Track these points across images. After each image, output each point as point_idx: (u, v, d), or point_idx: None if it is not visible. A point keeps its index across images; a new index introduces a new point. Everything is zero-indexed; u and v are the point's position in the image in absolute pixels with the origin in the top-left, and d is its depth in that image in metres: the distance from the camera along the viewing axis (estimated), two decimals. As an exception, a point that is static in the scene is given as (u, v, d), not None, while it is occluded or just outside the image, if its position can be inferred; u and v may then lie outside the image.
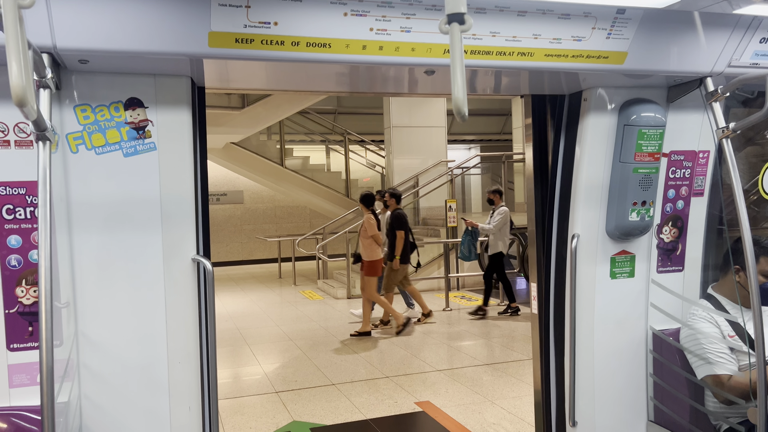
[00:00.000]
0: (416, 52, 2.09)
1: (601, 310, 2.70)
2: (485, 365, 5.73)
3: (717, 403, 2.54)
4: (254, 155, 12.75)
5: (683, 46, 2.34)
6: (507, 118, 15.91)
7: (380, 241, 7.06)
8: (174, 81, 2.13)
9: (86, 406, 2.10)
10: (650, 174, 2.59)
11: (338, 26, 1.97)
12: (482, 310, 8.03)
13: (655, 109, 2.56)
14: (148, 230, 2.13)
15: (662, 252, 2.79)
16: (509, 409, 4.51)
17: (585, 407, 2.73)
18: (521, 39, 2.16)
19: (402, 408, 4.62)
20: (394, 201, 7.42)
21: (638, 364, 2.79)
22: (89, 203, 2.07)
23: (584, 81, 2.55)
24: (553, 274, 2.87)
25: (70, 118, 2.03)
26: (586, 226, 2.67)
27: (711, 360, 2.50)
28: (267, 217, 16.34)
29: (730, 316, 2.57)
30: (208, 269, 2.23)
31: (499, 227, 7.70)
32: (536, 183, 2.94)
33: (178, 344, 2.18)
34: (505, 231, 7.76)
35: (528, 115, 2.94)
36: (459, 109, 1.01)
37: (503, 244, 7.77)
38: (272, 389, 5.20)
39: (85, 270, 2.08)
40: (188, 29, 1.85)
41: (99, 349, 2.11)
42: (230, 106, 10.83)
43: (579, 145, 2.67)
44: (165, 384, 2.17)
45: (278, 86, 2.56)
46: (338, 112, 15.85)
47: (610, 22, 2.21)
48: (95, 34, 1.79)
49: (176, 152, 2.15)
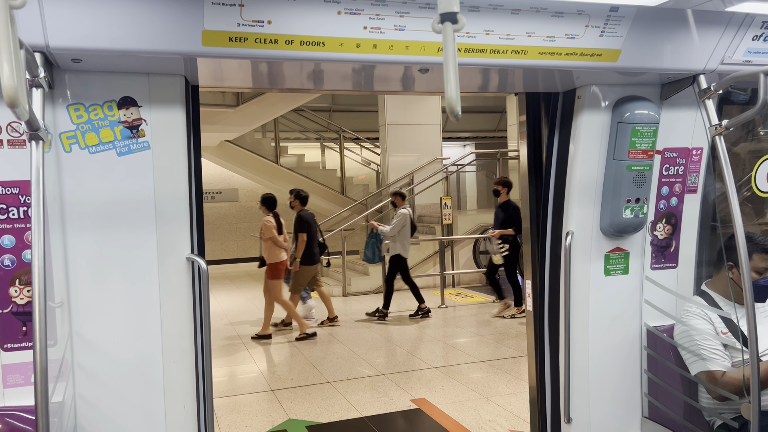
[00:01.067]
0: (410, 51, 2.09)
1: (595, 307, 2.71)
2: (481, 362, 5.74)
3: (710, 399, 2.55)
4: (249, 153, 12.72)
5: (676, 44, 2.35)
6: (502, 116, 15.91)
7: (279, 243, 6.96)
8: (167, 80, 2.13)
9: (81, 406, 2.10)
10: (644, 171, 2.60)
11: (332, 25, 1.97)
12: (380, 312, 7.90)
13: (649, 106, 2.57)
14: (142, 229, 2.12)
15: (656, 249, 2.80)
16: (504, 405, 4.52)
17: (580, 403, 2.74)
18: (515, 37, 2.16)
19: (398, 405, 4.63)
20: (298, 202, 7.30)
21: (632, 360, 2.80)
22: (83, 202, 2.06)
23: (578, 79, 2.55)
24: (548, 272, 2.88)
25: (64, 117, 2.03)
26: (581, 224, 2.68)
27: (704, 356, 2.51)
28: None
29: (723, 313, 2.59)
30: (202, 268, 2.23)
31: (397, 230, 7.65)
32: (530, 180, 2.94)
33: (172, 343, 2.18)
34: (404, 234, 7.69)
35: (522, 112, 2.94)
36: (452, 108, 1.01)
37: (401, 247, 7.71)
38: (268, 387, 5.20)
39: (79, 269, 2.08)
40: (182, 28, 1.85)
41: (93, 348, 2.10)
42: (225, 104, 10.80)
43: (573, 142, 2.68)
44: (160, 383, 2.17)
45: (272, 85, 2.55)
46: (333, 109, 15.83)
47: (603, 20, 2.21)
48: (88, 33, 1.79)
49: (170, 151, 2.15)
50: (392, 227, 7.68)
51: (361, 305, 8.93)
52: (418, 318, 7.85)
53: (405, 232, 7.69)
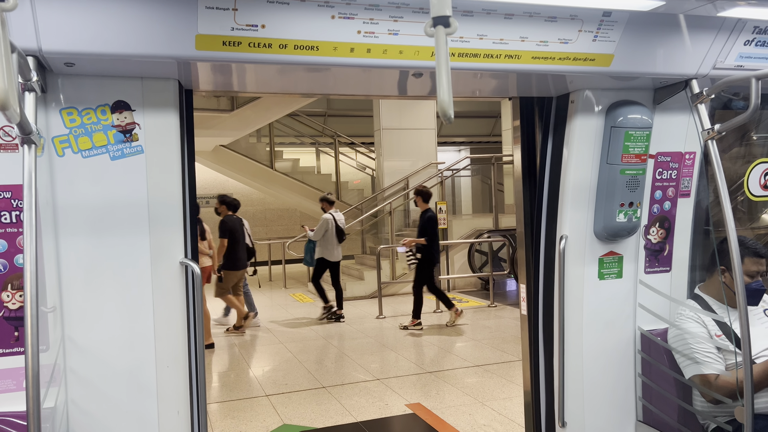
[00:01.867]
0: (404, 55, 2.09)
1: (589, 311, 2.71)
2: (475, 366, 5.74)
3: (705, 402, 2.56)
4: (244, 158, 12.72)
5: (669, 49, 2.36)
6: (497, 120, 15.96)
7: (202, 250, 7.01)
8: (161, 84, 2.12)
9: (73, 412, 2.09)
10: (637, 175, 2.61)
11: (326, 29, 1.97)
12: (326, 308, 8.24)
13: (642, 111, 2.58)
14: (135, 234, 2.12)
15: (650, 253, 2.81)
16: (499, 410, 4.51)
17: (574, 408, 2.74)
18: (508, 42, 2.17)
19: (393, 410, 4.62)
20: (224, 207, 7.42)
21: (627, 364, 2.80)
22: (76, 207, 2.05)
23: (571, 83, 2.56)
24: (542, 275, 2.88)
25: (56, 121, 2.02)
26: (574, 228, 2.69)
27: (698, 360, 2.52)
28: (257, 219, 16.30)
29: (716, 316, 2.59)
30: (196, 272, 2.22)
31: (320, 234, 7.92)
32: (524, 184, 2.95)
33: (166, 348, 2.17)
34: (328, 238, 7.95)
35: (516, 117, 2.95)
36: (444, 111, 1.01)
37: (323, 250, 8.00)
38: (262, 392, 5.18)
39: (71, 274, 2.07)
40: (175, 32, 1.85)
41: (86, 353, 2.09)
42: (219, 109, 10.80)
43: (566, 146, 2.68)
44: (153, 388, 2.15)
45: (266, 89, 2.55)
46: (328, 114, 15.85)
47: (596, 25, 2.22)
48: (81, 37, 1.78)
49: (164, 155, 2.14)
50: (315, 231, 8.01)
51: (357, 310, 8.92)
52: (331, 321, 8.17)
53: (329, 237, 7.96)
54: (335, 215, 8.05)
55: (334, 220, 7.99)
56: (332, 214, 8.03)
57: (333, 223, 7.96)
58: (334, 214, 8.07)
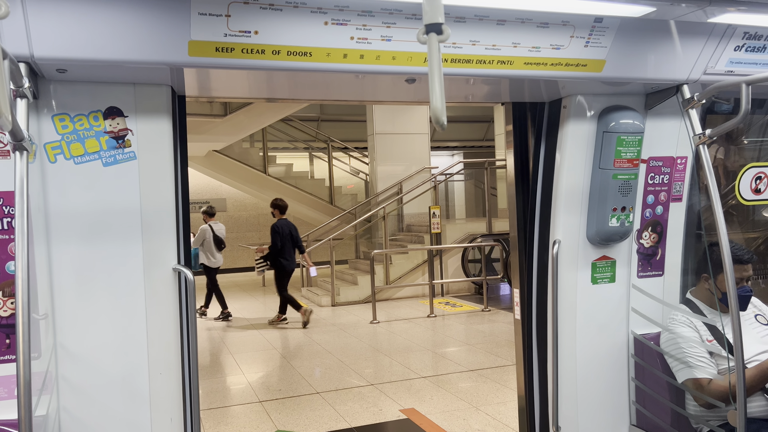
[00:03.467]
0: (397, 61, 2.10)
1: (582, 315, 2.72)
2: (470, 371, 5.74)
3: (697, 406, 2.57)
4: (237, 163, 12.70)
5: (660, 54, 2.38)
6: (489, 125, 15.99)
7: None
8: (154, 90, 2.12)
9: (65, 419, 2.07)
10: (629, 180, 2.62)
11: (319, 35, 1.98)
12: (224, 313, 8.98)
13: (634, 116, 2.59)
14: (128, 240, 2.11)
15: (642, 257, 2.82)
16: (494, 414, 4.51)
17: (568, 412, 2.75)
18: (501, 47, 2.18)
19: (387, 416, 4.61)
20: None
21: (620, 368, 2.81)
22: (68, 213, 2.04)
23: (563, 88, 2.57)
24: (536, 280, 2.89)
25: (48, 127, 2.01)
26: (567, 232, 2.70)
27: (691, 364, 2.53)
28: (250, 225, 16.25)
29: (708, 320, 2.60)
30: (189, 279, 2.21)
31: (198, 242, 8.73)
32: (517, 189, 2.96)
33: (159, 355, 2.16)
34: (206, 246, 8.78)
35: (509, 122, 2.96)
36: (437, 118, 1.02)
37: (205, 257, 8.81)
38: (256, 398, 5.15)
39: (63, 281, 2.05)
40: (168, 38, 1.84)
41: (78, 360, 2.08)
42: (212, 114, 10.79)
43: (559, 151, 2.69)
44: (146, 395, 2.14)
45: (259, 95, 2.55)
46: (321, 119, 15.83)
47: (588, 31, 2.24)
48: (73, 43, 1.78)
49: (156, 161, 2.14)
50: (195, 239, 8.74)
51: (350, 315, 8.91)
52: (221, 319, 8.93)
53: (207, 245, 8.81)
54: (213, 226, 8.90)
55: (212, 230, 8.85)
56: (210, 225, 8.88)
57: (211, 233, 8.82)
58: (213, 225, 8.91)
